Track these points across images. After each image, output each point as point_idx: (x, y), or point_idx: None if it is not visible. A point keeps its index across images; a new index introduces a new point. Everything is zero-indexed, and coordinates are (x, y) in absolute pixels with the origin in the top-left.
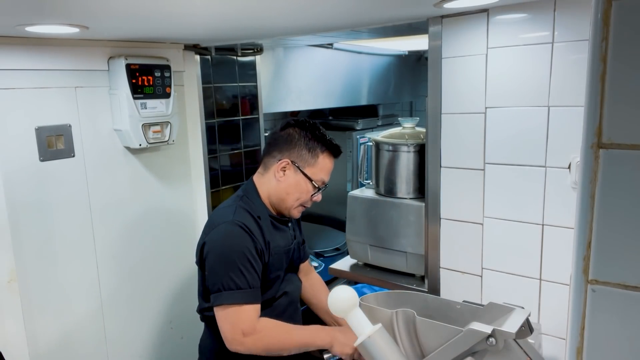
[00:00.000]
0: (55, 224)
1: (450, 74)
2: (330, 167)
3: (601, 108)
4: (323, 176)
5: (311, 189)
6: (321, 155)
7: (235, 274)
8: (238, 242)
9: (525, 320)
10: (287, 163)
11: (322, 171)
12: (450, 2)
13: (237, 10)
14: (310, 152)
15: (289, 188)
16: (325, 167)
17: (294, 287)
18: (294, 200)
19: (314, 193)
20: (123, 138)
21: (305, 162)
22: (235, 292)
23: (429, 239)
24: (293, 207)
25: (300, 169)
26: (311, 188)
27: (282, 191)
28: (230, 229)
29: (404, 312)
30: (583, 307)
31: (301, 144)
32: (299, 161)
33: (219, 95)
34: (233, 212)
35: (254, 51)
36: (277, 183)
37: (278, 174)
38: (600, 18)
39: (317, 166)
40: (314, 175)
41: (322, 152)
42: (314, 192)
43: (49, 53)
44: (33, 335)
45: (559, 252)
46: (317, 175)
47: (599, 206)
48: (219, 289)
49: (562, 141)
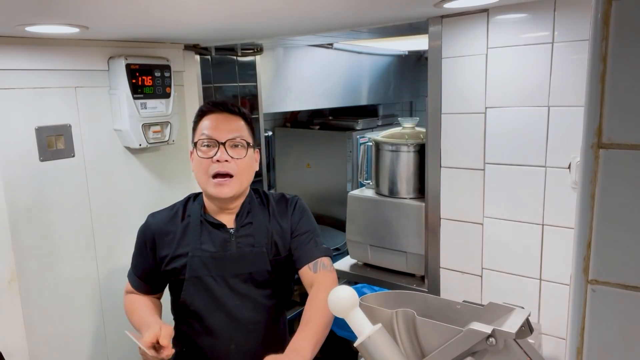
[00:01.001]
0: (55, 224)
1: (450, 74)
2: (209, 120)
3: (601, 108)
4: (203, 130)
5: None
6: (200, 122)
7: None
8: (138, 234)
9: (525, 320)
10: (190, 151)
11: (201, 128)
12: (450, 2)
13: (237, 10)
14: (195, 127)
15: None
16: (203, 124)
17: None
18: (201, 175)
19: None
20: (123, 138)
21: (193, 137)
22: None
23: (429, 239)
24: (207, 184)
25: (192, 142)
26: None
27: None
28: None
29: (404, 312)
30: (583, 307)
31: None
32: (193, 139)
33: (219, 95)
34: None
35: (254, 51)
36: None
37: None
38: (600, 18)
39: (198, 129)
40: (195, 137)
41: (200, 118)
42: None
43: (49, 53)
44: (33, 335)
45: (559, 252)
46: (197, 136)
47: (599, 206)
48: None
49: (562, 141)
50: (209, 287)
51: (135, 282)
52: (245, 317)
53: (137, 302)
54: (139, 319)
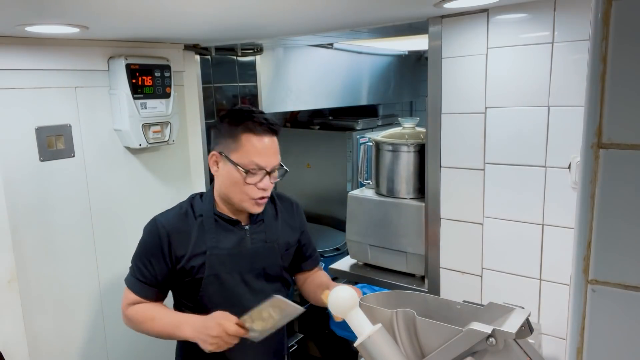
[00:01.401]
0: (55, 224)
1: (450, 74)
2: (260, 146)
3: (601, 108)
4: (253, 158)
5: (243, 176)
6: (243, 136)
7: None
8: (145, 236)
9: (525, 320)
10: (216, 155)
11: (249, 153)
12: (450, 2)
13: (237, 10)
14: (232, 137)
15: (225, 181)
16: (252, 148)
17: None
18: (239, 194)
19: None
20: (123, 138)
21: (229, 148)
22: (129, 276)
23: (429, 239)
24: (244, 201)
25: (227, 157)
26: (243, 174)
27: (222, 186)
28: (149, 224)
29: (404, 312)
30: (583, 307)
31: (224, 131)
32: (225, 150)
33: (219, 95)
34: (166, 211)
35: (254, 51)
36: (217, 180)
37: (213, 170)
38: (600, 18)
39: (242, 149)
40: (241, 159)
41: (243, 133)
42: (249, 177)
43: (49, 53)
44: (33, 335)
45: (559, 252)
46: (244, 158)
47: (599, 206)
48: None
49: (562, 141)
50: (227, 284)
51: (144, 290)
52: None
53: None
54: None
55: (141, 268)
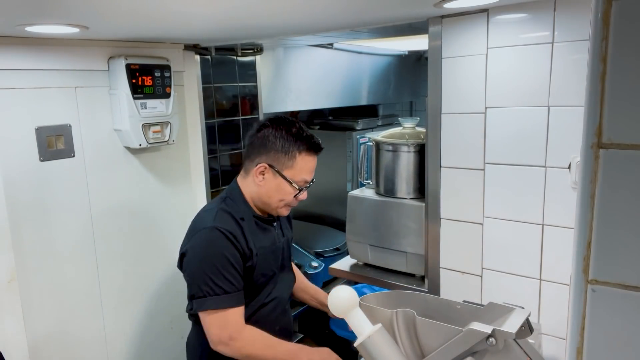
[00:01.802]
0: (55, 224)
1: (450, 74)
2: (312, 165)
3: (601, 108)
4: (304, 176)
5: (293, 191)
6: (299, 156)
7: (218, 279)
8: (218, 247)
9: (525, 320)
10: (265, 167)
11: (302, 171)
12: (450, 2)
13: (237, 10)
14: (286, 153)
15: (270, 192)
16: (306, 167)
17: (284, 288)
18: (278, 202)
19: (297, 194)
20: (123, 138)
21: (282, 164)
22: (220, 297)
23: (429, 239)
24: (279, 208)
25: (279, 172)
26: (293, 190)
27: (263, 195)
28: (210, 234)
29: (404, 312)
30: (583, 307)
31: (277, 145)
32: (276, 164)
33: (219, 95)
34: (214, 216)
35: (254, 51)
36: (257, 187)
37: (257, 179)
38: (600, 18)
39: (296, 167)
40: (294, 176)
41: (299, 153)
42: (297, 193)
43: (49, 53)
44: (33, 335)
45: (559, 252)
46: (297, 176)
47: (599, 206)
48: (203, 295)
49: (562, 141)
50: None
51: (240, 298)
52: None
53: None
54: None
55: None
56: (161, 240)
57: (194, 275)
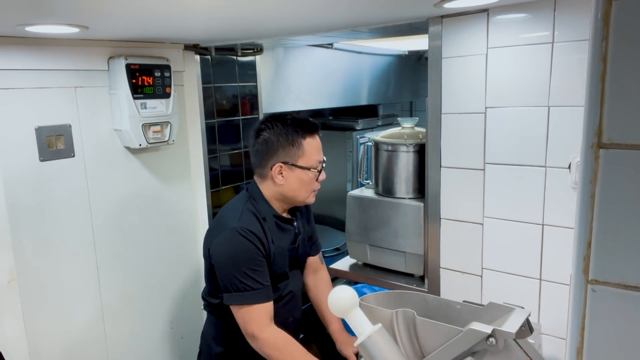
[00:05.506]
0: (55, 224)
1: (450, 74)
2: (318, 144)
3: (601, 108)
4: (316, 157)
5: (313, 175)
6: (304, 141)
7: (243, 277)
8: (243, 248)
9: (525, 320)
10: (281, 166)
11: (313, 154)
12: (450, 2)
13: (237, 10)
14: (293, 145)
15: (294, 185)
16: (314, 148)
17: (296, 283)
18: (304, 192)
19: (318, 176)
20: (123, 138)
21: (294, 156)
22: (244, 293)
23: (429, 239)
24: (308, 197)
25: (295, 164)
26: (313, 174)
27: (288, 191)
28: (235, 236)
29: (404, 312)
30: (583, 307)
31: (281, 142)
32: (289, 159)
33: (219, 95)
34: (239, 215)
35: (254, 51)
36: (280, 186)
37: (277, 179)
38: (600, 18)
39: (307, 152)
40: (308, 162)
41: (303, 138)
42: (317, 175)
43: (49, 53)
44: (33, 335)
45: (559, 252)
46: (310, 160)
47: (599, 206)
48: (229, 290)
49: (562, 141)
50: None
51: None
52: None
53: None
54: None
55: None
56: (161, 240)
57: (221, 272)
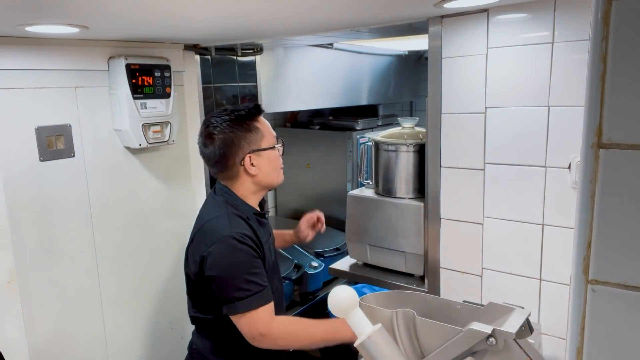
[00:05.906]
0: (55, 224)
1: (450, 74)
2: (266, 121)
3: (601, 108)
4: (273, 133)
5: (280, 151)
6: (258, 123)
7: (244, 284)
8: (243, 254)
9: (525, 320)
10: (250, 157)
11: (268, 132)
12: (450, 2)
13: (237, 10)
14: (251, 131)
15: (267, 169)
16: (266, 127)
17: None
18: (277, 172)
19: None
20: (123, 138)
21: (257, 141)
22: (247, 300)
23: (429, 239)
24: (279, 176)
25: (259, 148)
26: (277, 152)
27: (264, 177)
28: (234, 243)
29: (404, 312)
30: (583, 307)
31: (238, 133)
32: (254, 146)
33: (219, 95)
34: (228, 222)
35: (254, 51)
36: (255, 177)
37: (251, 170)
38: (600, 18)
39: (265, 133)
40: (270, 141)
41: (256, 122)
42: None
43: (49, 53)
44: (33, 335)
45: (559, 252)
46: (271, 139)
47: (599, 206)
48: (231, 300)
49: (562, 141)
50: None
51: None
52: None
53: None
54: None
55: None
56: (161, 240)
57: (222, 282)
